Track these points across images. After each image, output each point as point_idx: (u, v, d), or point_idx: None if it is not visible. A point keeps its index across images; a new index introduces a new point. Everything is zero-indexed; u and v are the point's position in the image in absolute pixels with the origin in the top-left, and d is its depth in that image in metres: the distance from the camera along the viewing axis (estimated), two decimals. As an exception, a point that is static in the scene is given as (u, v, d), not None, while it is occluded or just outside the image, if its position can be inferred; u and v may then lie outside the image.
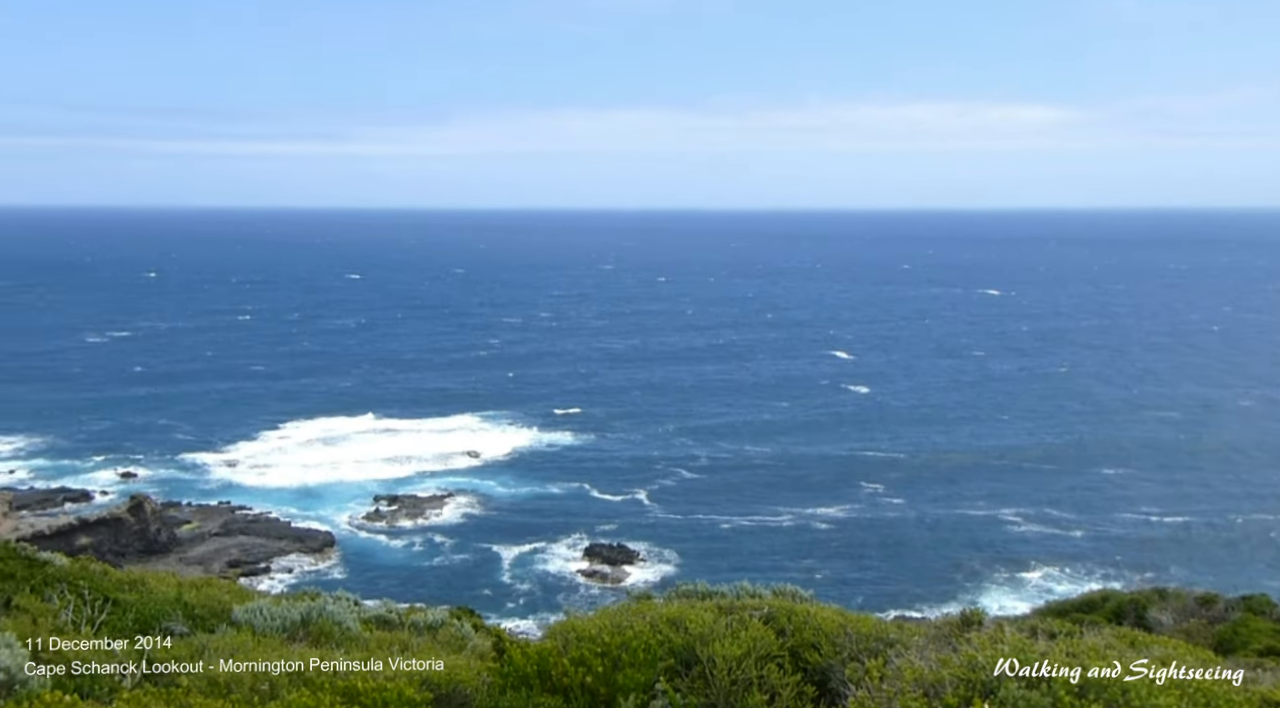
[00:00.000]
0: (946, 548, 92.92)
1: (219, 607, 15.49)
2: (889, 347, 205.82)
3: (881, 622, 10.79)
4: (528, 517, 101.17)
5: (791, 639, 10.11)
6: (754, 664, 9.50)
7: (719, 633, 9.79)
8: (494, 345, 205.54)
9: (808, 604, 11.69)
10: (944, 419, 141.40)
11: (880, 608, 73.35)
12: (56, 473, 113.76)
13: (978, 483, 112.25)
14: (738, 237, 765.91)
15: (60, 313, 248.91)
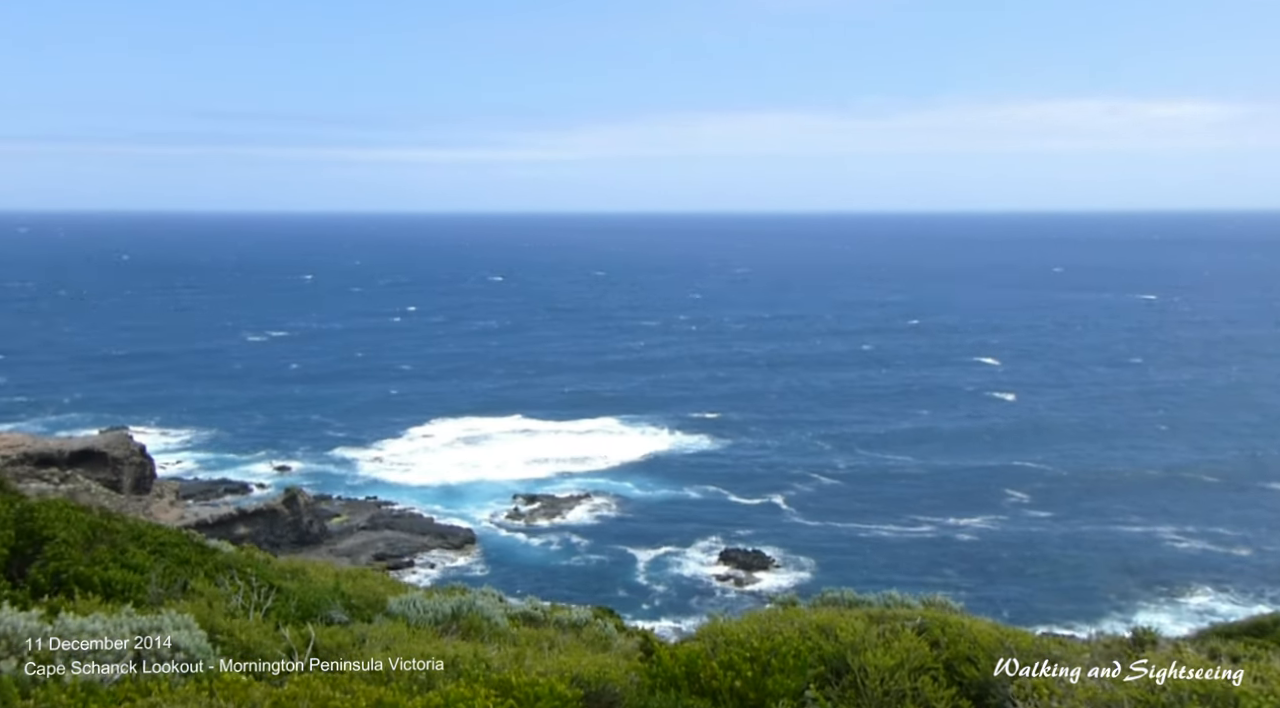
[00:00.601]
0: (1097, 566, 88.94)
1: (374, 598, 16.04)
2: (1039, 353, 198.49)
3: (1042, 638, 10.38)
4: (663, 519, 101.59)
5: (946, 652, 9.83)
6: (908, 676, 9.28)
7: (871, 642, 9.60)
8: (633, 348, 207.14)
9: (961, 616, 11.36)
10: (1098, 431, 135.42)
11: (1026, 625, 70.73)
12: (218, 465, 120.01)
13: (1134, 499, 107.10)
14: (878, 241, 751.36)
15: (222, 314, 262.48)
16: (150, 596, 11.76)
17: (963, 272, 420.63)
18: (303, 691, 8.35)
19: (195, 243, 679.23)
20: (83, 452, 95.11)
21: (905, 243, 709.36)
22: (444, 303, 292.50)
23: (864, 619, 10.54)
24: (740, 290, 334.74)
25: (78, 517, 14.48)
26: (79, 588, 11.47)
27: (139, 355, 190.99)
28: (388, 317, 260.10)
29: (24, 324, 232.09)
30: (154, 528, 17.29)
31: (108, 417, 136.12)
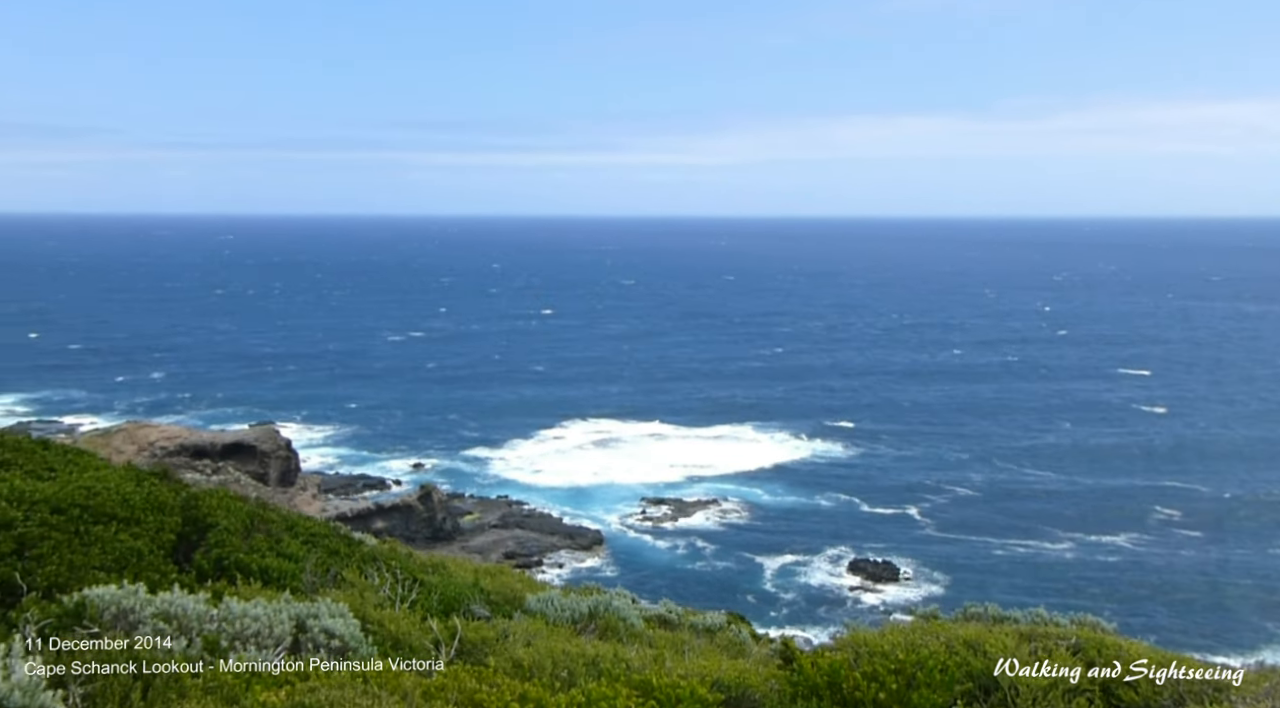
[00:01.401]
0: (1258, 594, 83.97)
1: (511, 594, 16.32)
2: (1196, 366, 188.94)
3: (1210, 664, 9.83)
4: (793, 527, 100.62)
5: (1103, 674, 9.41)
6: (1061, 697, 8.92)
7: (1022, 660, 9.25)
8: (764, 354, 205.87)
9: (1117, 637, 10.86)
10: (1262, 452, 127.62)
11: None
12: (358, 461, 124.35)
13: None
14: (1025, 246, 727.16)
15: (367, 314, 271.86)
16: (305, 584, 12.22)
17: (1112, 279, 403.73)
18: (450, 682, 8.53)
19: (347, 245, 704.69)
20: (233, 445, 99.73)
21: (1051, 249, 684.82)
22: (578, 306, 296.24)
23: (1014, 636, 10.17)
24: (878, 297, 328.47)
25: (237, 506, 15.17)
26: (239, 574, 12.00)
27: (287, 354, 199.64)
28: (523, 319, 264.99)
29: (184, 323, 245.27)
30: (305, 519, 18.00)
31: (257, 412, 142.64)
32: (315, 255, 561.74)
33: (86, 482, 13.11)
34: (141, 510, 12.78)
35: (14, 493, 11.65)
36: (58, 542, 10.92)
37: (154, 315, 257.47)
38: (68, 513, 11.69)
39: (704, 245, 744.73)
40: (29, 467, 13.50)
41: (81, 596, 8.96)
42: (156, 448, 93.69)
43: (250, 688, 7.94)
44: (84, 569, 10.66)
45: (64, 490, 12.29)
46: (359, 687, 8.10)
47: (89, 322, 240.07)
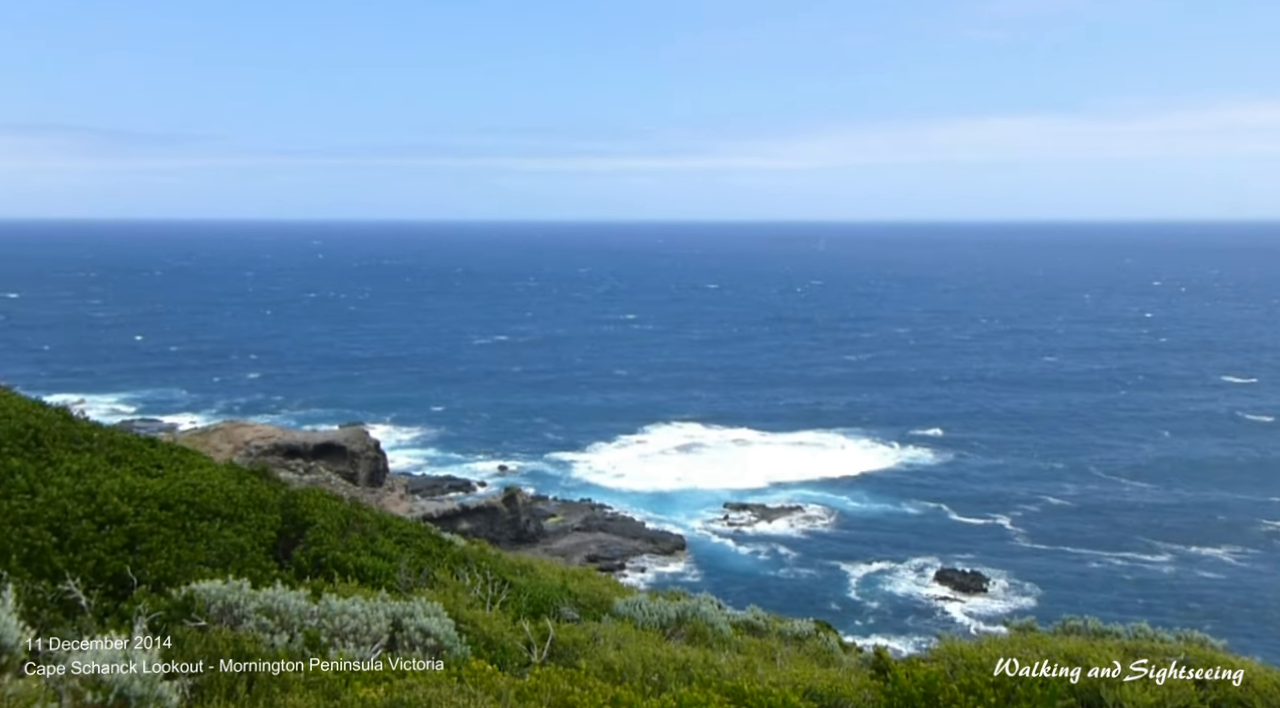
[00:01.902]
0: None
1: (599, 597, 16.39)
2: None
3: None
4: (878, 534, 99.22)
5: (1214, 693, 9.07)
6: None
7: (1128, 676, 8.96)
8: (852, 360, 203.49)
9: (1228, 656, 10.45)
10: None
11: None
12: (444, 462, 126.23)
13: None
14: (1122, 250, 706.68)
15: (453, 318, 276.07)
16: (400, 583, 12.43)
17: (1215, 284, 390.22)
18: (543, 683, 8.59)
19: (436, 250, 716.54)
20: (325, 445, 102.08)
21: (1148, 253, 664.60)
22: (663, 311, 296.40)
23: (1118, 651, 9.86)
24: (969, 302, 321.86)
25: (332, 505, 15.51)
26: (336, 572, 12.26)
27: (376, 357, 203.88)
28: (608, 323, 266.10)
29: (272, 325, 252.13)
30: (396, 519, 18.33)
31: (347, 412, 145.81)
32: (405, 260, 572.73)
33: (192, 479, 13.53)
34: (244, 508, 13.16)
35: (125, 489, 12.08)
36: (166, 537, 11.28)
37: (251, 319, 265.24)
38: (175, 509, 12.08)
39: (792, 250, 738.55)
40: (138, 464, 14.00)
41: (189, 589, 9.24)
42: (251, 447, 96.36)
43: (350, 684, 8.09)
44: (190, 564, 11.00)
45: (171, 487, 12.71)
46: (454, 685, 8.20)
47: (190, 324, 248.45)
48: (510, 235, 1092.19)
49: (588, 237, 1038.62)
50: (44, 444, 13.42)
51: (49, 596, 9.28)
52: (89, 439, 14.42)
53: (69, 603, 9.27)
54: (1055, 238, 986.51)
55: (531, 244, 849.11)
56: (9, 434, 13.15)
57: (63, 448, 13.59)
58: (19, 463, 12.31)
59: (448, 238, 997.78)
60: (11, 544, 10.14)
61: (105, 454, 13.98)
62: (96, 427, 15.89)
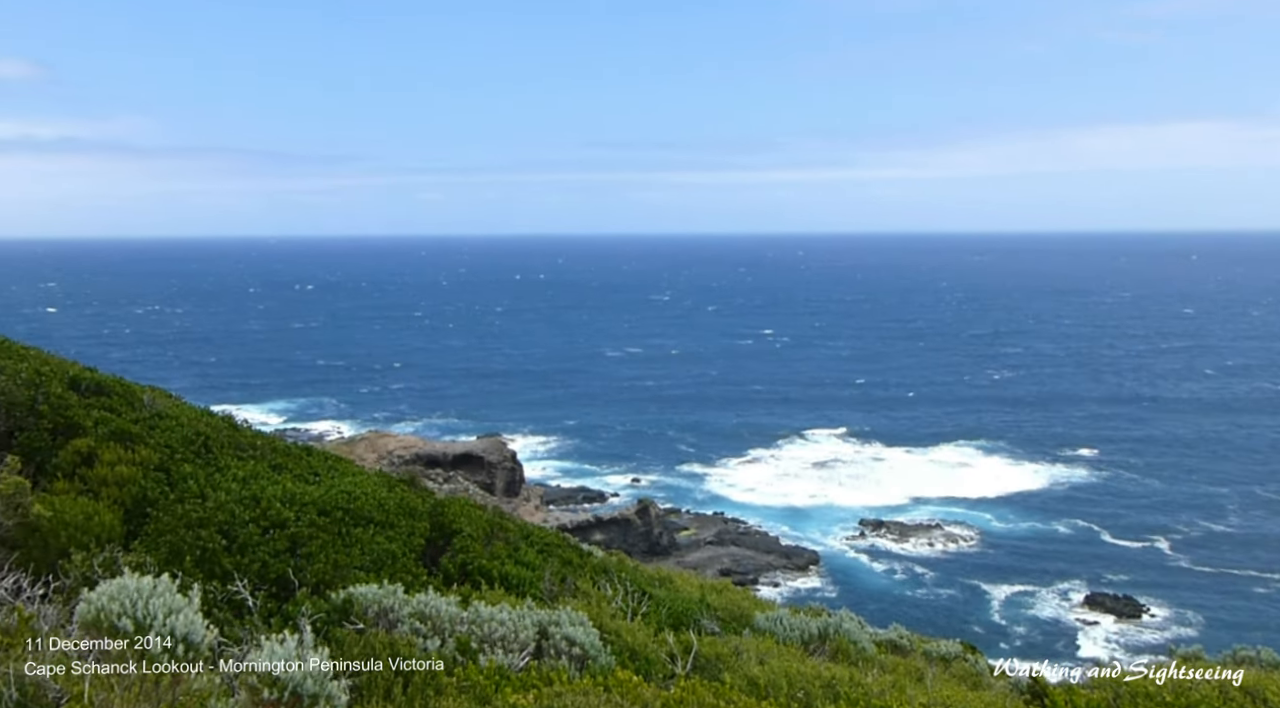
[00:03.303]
0: None
1: (738, 611, 16.29)
2: None
3: None
4: (1023, 555, 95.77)
5: None
6: (1360, 757, 8.03)
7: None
8: (996, 376, 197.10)
9: None
10: None
11: None
12: (578, 474, 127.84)
13: None
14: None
15: (589, 330, 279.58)
16: (544, 592, 12.62)
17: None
18: (689, 696, 8.58)
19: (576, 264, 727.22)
20: (463, 455, 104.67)
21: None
22: (799, 324, 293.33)
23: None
24: (1125, 316, 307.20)
25: (477, 515, 15.88)
26: (482, 579, 12.54)
27: (514, 369, 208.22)
28: (742, 337, 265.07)
29: (416, 337, 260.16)
30: (538, 529, 18.63)
31: (485, 424, 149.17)
32: (542, 274, 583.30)
33: (346, 486, 14.06)
34: (395, 515, 13.59)
35: (286, 495, 12.63)
36: (324, 542, 11.75)
37: (396, 331, 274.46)
38: (332, 515, 12.57)
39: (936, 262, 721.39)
40: (297, 471, 14.61)
41: (348, 593, 9.59)
42: (394, 456, 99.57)
43: (500, 690, 8.24)
44: (346, 568, 11.42)
45: (328, 494, 13.23)
46: (601, 695, 8.27)
47: (337, 337, 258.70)
48: (644, 249, 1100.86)
49: (723, 249, 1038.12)
50: (212, 451, 14.15)
51: (220, 595, 9.78)
52: (253, 447, 15.14)
53: (237, 603, 9.74)
54: (1228, 248, 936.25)
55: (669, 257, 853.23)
56: (182, 441, 13.91)
57: (229, 455, 14.30)
58: (190, 469, 13.01)
59: (588, 252, 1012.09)
60: (186, 546, 10.72)
61: (267, 461, 14.64)
62: (259, 435, 16.67)
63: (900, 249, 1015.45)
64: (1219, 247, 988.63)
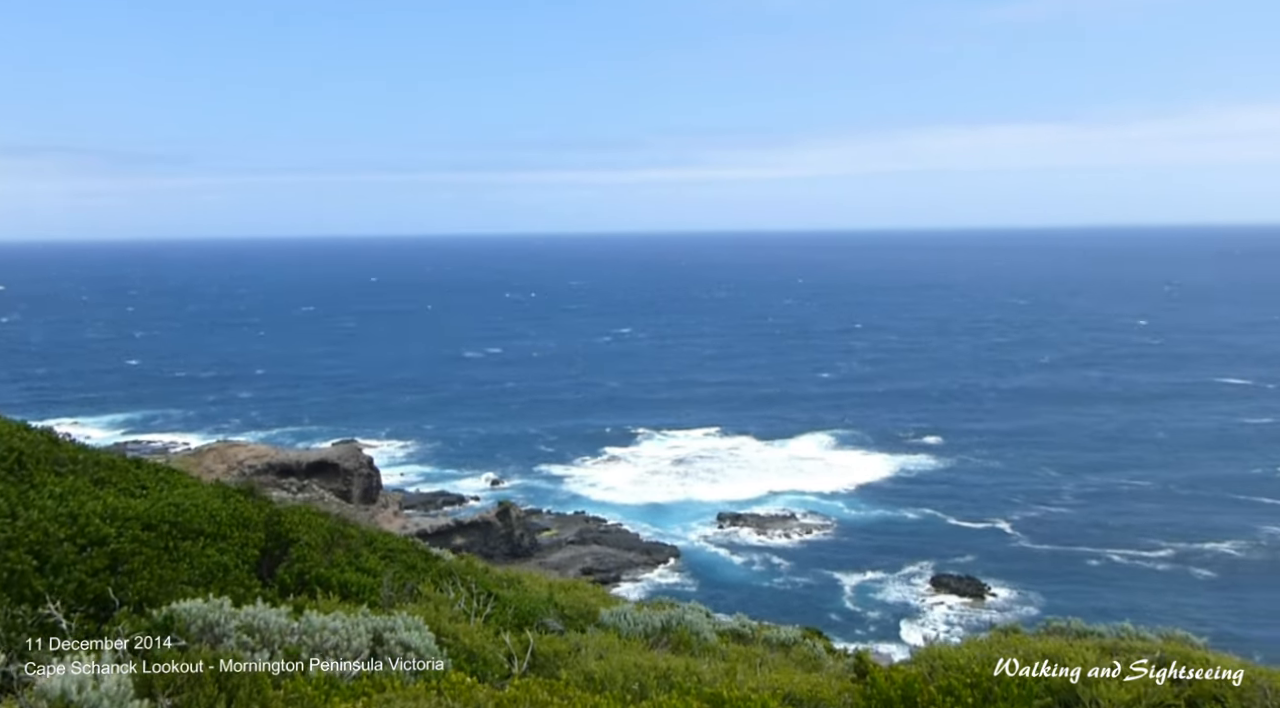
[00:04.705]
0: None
1: (585, 609, 16.43)
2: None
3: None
4: (874, 542, 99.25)
5: (1189, 689, 9.14)
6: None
7: (1104, 674, 9.04)
8: (843, 370, 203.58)
9: (1205, 652, 10.53)
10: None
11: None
12: (438, 478, 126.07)
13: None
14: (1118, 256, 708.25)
15: (447, 333, 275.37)
16: (383, 598, 12.46)
17: (1204, 289, 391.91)
18: (523, 694, 8.63)
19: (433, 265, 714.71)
20: (318, 463, 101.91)
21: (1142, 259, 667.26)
22: (656, 323, 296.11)
23: (1095, 650, 9.94)
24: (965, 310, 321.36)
25: (318, 522, 15.53)
26: (320, 589, 12.29)
27: (369, 373, 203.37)
28: (601, 336, 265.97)
29: (266, 343, 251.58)
30: (383, 535, 18.35)
31: (342, 430, 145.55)
32: (399, 276, 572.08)
33: (176, 499, 13.55)
34: (227, 526, 13.17)
35: (108, 510, 12.09)
36: (148, 557, 11.31)
37: (247, 339, 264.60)
38: (158, 529, 12.10)
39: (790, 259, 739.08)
40: (123, 485, 14.01)
41: (170, 609, 9.28)
42: (245, 467, 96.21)
43: (329, 699, 8.13)
44: (173, 584, 11.02)
45: (154, 507, 12.73)
46: (433, 698, 8.25)
47: (184, 346, 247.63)
48: (504, 249, 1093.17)
49: (582, 249, 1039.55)
50: (27, 467, 13.43)
51: (29, 620, 9.30)
52: (73, 461, 14.43)
53: (49, 627, 9.29)
54: (1053, 244, 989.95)
55: (527, 257, 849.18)
56: (-10, 459, 13.16)
57: (46, 471, 13.60)
58: (1, 487, 12.33)
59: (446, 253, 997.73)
60: (-9, 569, 10.15)
61: (89, 476, 13.99)
62: (82, 448, 15.90)
63: (755, 246, 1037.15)
64: (1041, 242, 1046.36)
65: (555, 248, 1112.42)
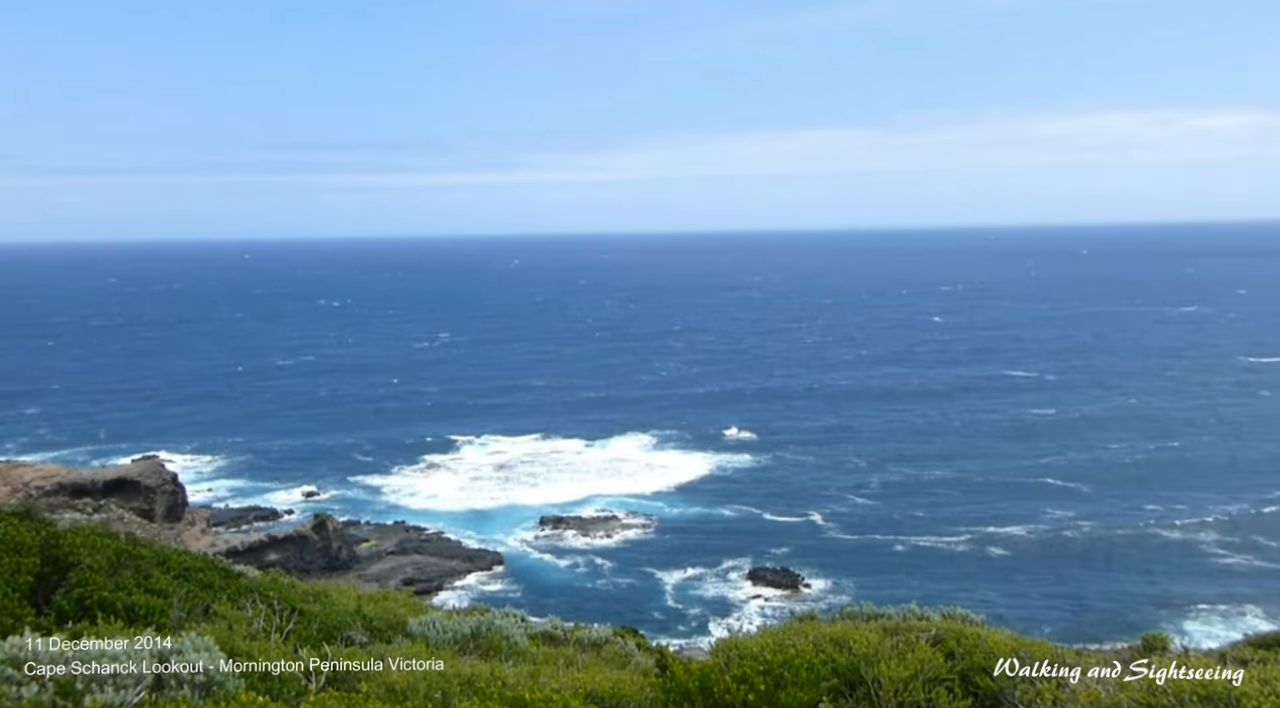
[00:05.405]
0: (1146, 576, 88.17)
1: (395, 619, 16.15)
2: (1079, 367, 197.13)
3: (1057, 647, 10.32)
4: (694, 540, 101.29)
5: (961, 663, 9.79)
6: (922, 687, 9.25)
7: (885, 654, 9.57)
8: (661, 370, 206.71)
9: (978, 628, 11.29)
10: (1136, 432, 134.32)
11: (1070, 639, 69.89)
12: (249, 492, 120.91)
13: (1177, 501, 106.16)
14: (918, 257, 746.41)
15: (257, 340, 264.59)
16: (173, 620, 11.90)
17: (1003, 286, 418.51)
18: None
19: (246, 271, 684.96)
20: (116, 481, 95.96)
21: (940, 258, 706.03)
22: (476, 327, 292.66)
23: (878, 632, 10.51)
24: (775, 311, 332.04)
25: (103, 543, 14.68)
26: (103, 614, 11.61)
27: (174, 384, 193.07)
28: (420, 341, 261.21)
29: (56, 356, 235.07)
30: (179, 554, 17.49)
31: (144, 445, 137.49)
32: (206, 282, 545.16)
33: (-65, 526, 12.55)
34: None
35: None
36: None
37: (32, 351, 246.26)
38: (-88, 559, 11.19)
39: (608, 261, 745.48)
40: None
41: (-80, 645, 8.58)
42: (32, 488, 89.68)
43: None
44: (-69, 617, 10.21)
45: (-91, 536, 11.76)
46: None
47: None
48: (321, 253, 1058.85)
49: (401, 253, 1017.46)
50: None
51: None
52: None
53: None
54: (860, 245, 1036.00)
55: (344, 262, 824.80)
56: None
57: None
58: None
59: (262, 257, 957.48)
60: None
61: None
62: None
63: (574, 250, 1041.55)
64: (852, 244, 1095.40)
65: (372, 252, 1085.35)
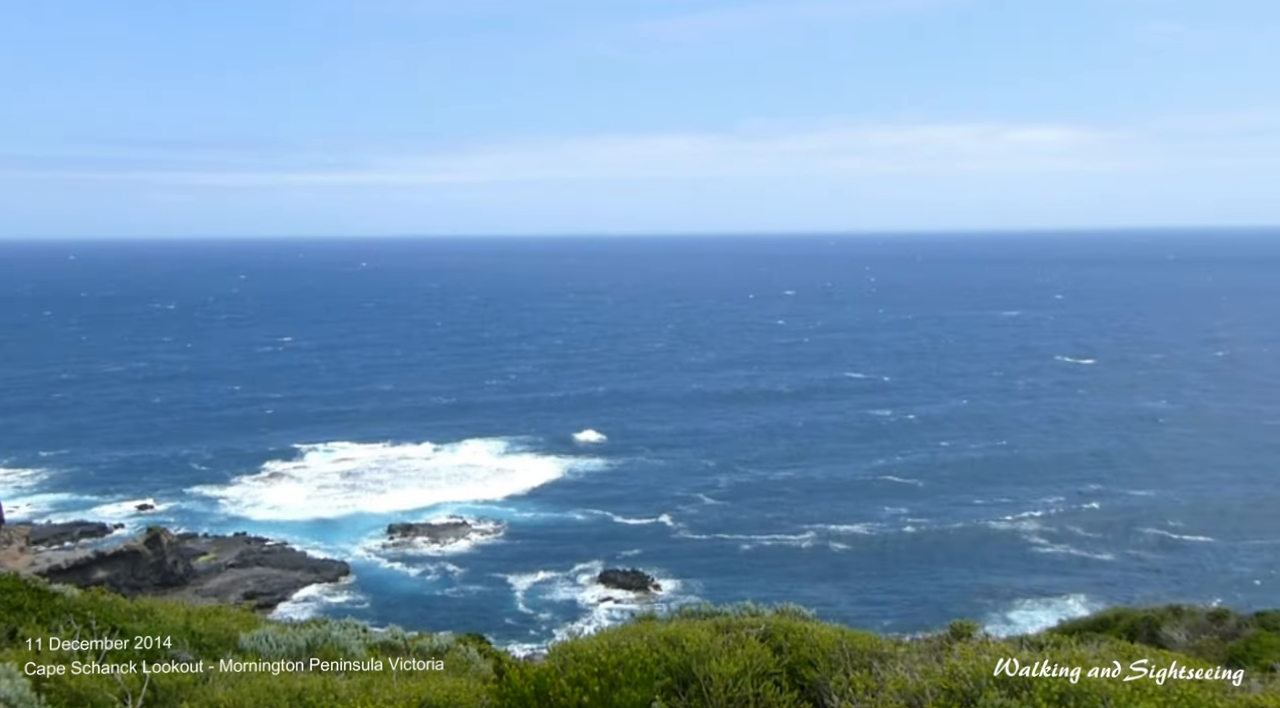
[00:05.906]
0: (976, 568, 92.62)
1: (226, 635, 15.56)
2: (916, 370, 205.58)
3: (878, 638, 10.80)
4: (546, 543, 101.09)
5: (789, 657, 10.13)
6: (750, 682, 9.52)
7: (716, 651, 9.82)
8: (512, 374, 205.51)
9: (807, 622, 11.70)
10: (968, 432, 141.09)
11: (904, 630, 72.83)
12: (74, 506, 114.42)
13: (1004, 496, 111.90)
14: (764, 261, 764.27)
15: (85, 345, 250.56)
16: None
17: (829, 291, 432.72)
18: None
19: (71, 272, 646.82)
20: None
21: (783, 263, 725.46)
22: (319, 331, 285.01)
23: (711, 629, 10.76)
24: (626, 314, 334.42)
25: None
26: (-105, 640, 10.84)
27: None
28: (260, 346, 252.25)
29: None
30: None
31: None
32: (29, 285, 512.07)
33: None
34: None
35: None
36: None
37: None
38: None
39: (454, 265, 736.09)
40: None
41: None
42: None
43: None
44: None
45: None
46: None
47: None
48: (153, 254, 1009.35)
49: (237, 255, 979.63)
50: None
51: None
52: None
53: None
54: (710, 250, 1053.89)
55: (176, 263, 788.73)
56: None
57: None
58: None
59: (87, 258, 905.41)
60: None
61: None
62: None
63: (423, 253, 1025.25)
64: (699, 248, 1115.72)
65: (210, 253, 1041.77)
